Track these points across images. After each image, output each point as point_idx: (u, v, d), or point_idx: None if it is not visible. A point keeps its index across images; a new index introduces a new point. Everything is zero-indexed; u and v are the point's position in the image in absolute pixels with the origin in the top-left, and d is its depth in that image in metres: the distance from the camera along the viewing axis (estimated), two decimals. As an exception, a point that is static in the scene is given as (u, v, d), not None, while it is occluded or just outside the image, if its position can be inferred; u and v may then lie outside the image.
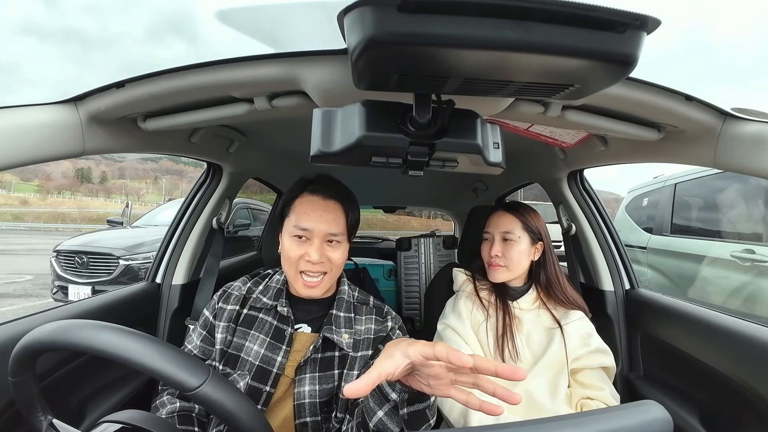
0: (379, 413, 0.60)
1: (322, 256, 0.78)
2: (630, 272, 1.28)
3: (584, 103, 0.70)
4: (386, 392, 0.59)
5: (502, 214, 1.07)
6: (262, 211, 5.48)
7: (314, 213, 0.79)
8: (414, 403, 0.57)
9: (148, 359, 0.46)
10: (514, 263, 1.03)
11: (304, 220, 0.79)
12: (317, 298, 0.85)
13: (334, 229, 0.80)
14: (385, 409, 0.60)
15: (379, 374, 0.47)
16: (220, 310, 0.83)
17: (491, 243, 1.06)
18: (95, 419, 0.64)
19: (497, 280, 1.05)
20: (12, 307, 5.18)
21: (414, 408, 0.57)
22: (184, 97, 0.68)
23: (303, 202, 0.81)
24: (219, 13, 0.51)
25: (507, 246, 1.03)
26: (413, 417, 0.58)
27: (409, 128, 0.46)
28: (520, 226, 1.04)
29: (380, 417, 0.60)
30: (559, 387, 0.93)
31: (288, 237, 0.81)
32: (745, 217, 2.65)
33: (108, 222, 5.53)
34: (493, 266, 1.04)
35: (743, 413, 0.83)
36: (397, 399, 0.58)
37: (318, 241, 0.79)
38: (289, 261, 0.80)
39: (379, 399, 0.60)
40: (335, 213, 0.81)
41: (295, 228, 0.79)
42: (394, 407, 0.59)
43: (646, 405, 0.41)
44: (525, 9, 0.33)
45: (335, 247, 0.81)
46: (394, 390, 0.58)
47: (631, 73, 0.39)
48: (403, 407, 0.57)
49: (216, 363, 0.79)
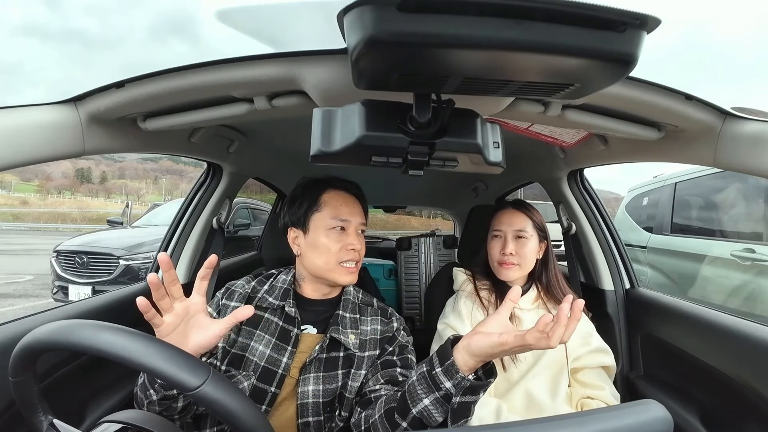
0: (426, 401, 0.60)
1: (360, 242, 0.85)
2: (630, 271, 1.28)
3: (584, 103, 0.70)
4: (439, 380, 0.58)
5: (514, 212, 1.07)
6: (262, 211, 5.48)
7: (348, 205, 0.85)
8: (467, 394, 0.58)
9: (148, 359, 0.46)
10: (527, 261, 1.03)
11: (343, 211, 0.84)
12: (325, 299, 0.87)
13: (364, 219, 0.88)
14: (431, 397, 0.59)
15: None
16: (224, 307, 0.83)
17: (503, 241, 1.04)
18: (96, 419, 0.64)
19: (509, 278, 1.04)
20: (12, 307, 5.18)
21: (466, 399, 0.58)
22: (184, 97, 0.68)
23: (333, 196, 0.85)
24: (219, 13, 0.51)
25: (520, 244, 1.03)
26: (461, 408, 0.58)
27: (409, 128, 0.46)
28: (531, 224, 1.05)
29: (426, 404, 0.60)
30: (559, 386, 0.93)
31: (324, 231, 0.83)
32: (746, 216, 2.65)
33: (108, 222, 5.53)
34: (505, 265, 1.03)
35: (743, 412, 0.83)
36: (451, 388, 0.58)
37: (354, 230, 0.85)
38: (329, 254, 0.82)
39: (429, 387, 0.60)
40: (360, 205, 0.89)
41: (333, 220, 0.83)
42: (444, 396, 0.58)
43: (647, 404, 0.41)
44: (525, 8, 0.33)
45: (361, 237, 0.88)
46: (451, 378, 0.58)
47: (631, 72, 0.39)
48: (458, 395, 0.58)
49: (217, 362, 0.79)
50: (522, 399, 0.93)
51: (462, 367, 0.57)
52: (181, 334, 0.61)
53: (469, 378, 0.58)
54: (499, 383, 0.97)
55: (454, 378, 0.58)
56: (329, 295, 0.88)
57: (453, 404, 0.58)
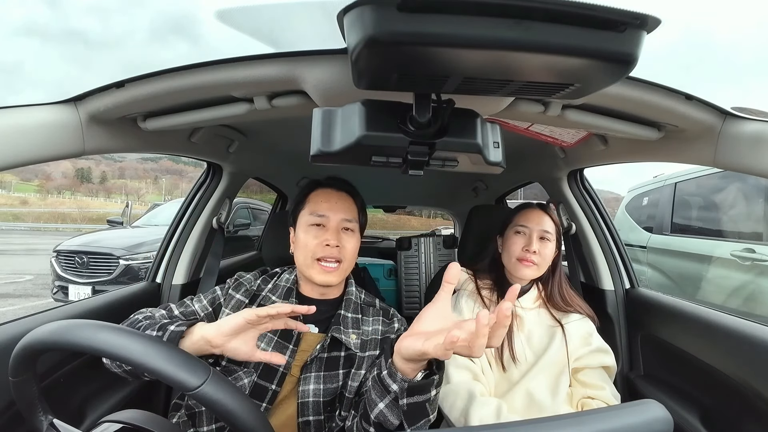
0: (380, 405, 0.60)
1: (338, 241, 0.82)
2: (630, 271, 1.28)
3: (584, 103, 0.70)
4: (387, 383, 0.58)
5: (541, 212, 1.07)
6: (262, 210, 5.47)
7: (330, 201, 0.85)
8: (414, 395, 0.56)
9: (149, 359, 0.46)
10: (545, 263, 1.03)
11: (321, 207, 0.84)
12: (326, 299, 0.87)
13: (349, 215, 0.85)
14: (386, 401, 0.59)
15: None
16: (230, 297, 0.85)
17: (528, 238, 1.03)
18: (96, 419, 0.64)
19: (524, 276, 1.03)
20: (12, 307, 5.18)
21: (414, 400, 0.57)
22: (184, 96, 0.68)
23: (318, 194, 0.87)
24: (219, 13, 0.51)
25: (543, 244, 1.03)
26: (412, 409, 0.57)
27: (409, 128, 0.46)
28: (554, 228, 1.06)
29: (381, 409, 0.60)
30: (559, 386, 0.93)
31: (304, 228, 0.84)
32: (746, 216, 2.65)
33: (108, 222, 5.53)
34: (525, 262, 1.02)
35: (743, 412, 0.84)
36: (397, 390, 0.57)
37: (334, 228, 0.83)
38: (306, 249, 0.82)
39: (381, 391, 0.60)
40: (348, 202, 0.87)
41: (312, 216, 0.83)
42: (394, 399, 0.58)
43: (647, 404, 0.41)
44: (525, 8, 0.33)
45: (349, 235, 0.85)
46: (395, 381, 0.57)
47: (631, 72, 0.39)
48: (403, 397, 0.56)
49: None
50: (522, 399, 0.93)
51: (403, 369, 0.55)
52: (246, 337, 0.64)
53: (408, 379, 0.55)
54: (500, 383, 0.97)
55: (397, 380, 0.56)
56: (327, 295, 0.88)
57: (402, 407, 0.57)
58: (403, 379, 0.55)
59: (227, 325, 0.61)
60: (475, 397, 0.88)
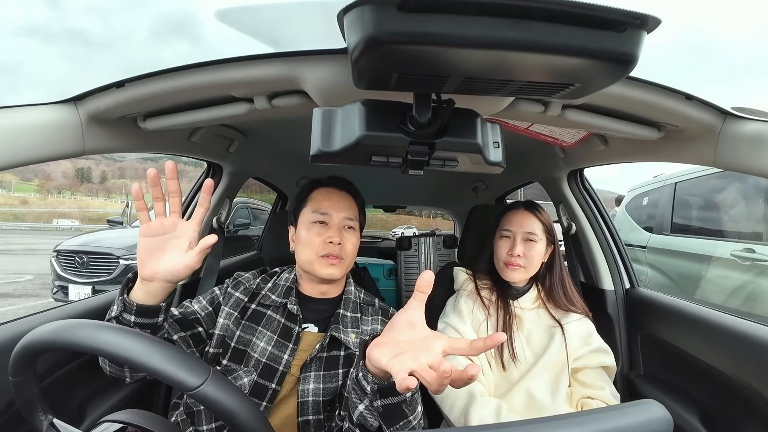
0: (360, 407, 0.59)
1: (341, 239, 0.83)
2: (630, 271, 1.28)
3: (584, 102, 0.70)
4: (363, 385, 0.57)
5: (525, 213, 1.06)
6: (262, 210, 5.47)
7: (332, 199, 0.86)
8: (387, 396, 0.55)
9: (149, 359, 0.46)
10: (534, 264, 1.03)
11: (324, 205, 0.85)
12: (326, 298, 0.87)
13: (350, 213, 0.87)
14: (365, 402, 0.59)
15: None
16: (229, 296, 0.85)
17: (512, 242, 1.04)
18: (96, 419, 0.64)
19: (513, 280, 1.04)
20: (12, 307, 5.19)
21: (387, 401, 0.55)
22: (184, 96, 0.68)
23: (319, 192, 0.88)
24: (219, 13, 0.51)
25: (528, 246, 1.03)
26: (387, 411, 0.56)
27: (409, 127, 0.46)
28: (541, 227, 1.05)
29: (361, 410, 0.59)
30: (559, 386, 0.93)
31: (306, 225, 0.85)
32: (746, 216, 2.65)
33: (108, 222, 5.53)
34: (511, 266, 1.03)
35: (743, 412, 0.84)
36: (372, 392, 0.56)
37: (337, 225, 0.84)
38: (309, 246, 0.82)
39: (359, 392, 0.59)
40: (350, 201, 0.89)
41: (314, 214, 0.84)
42: (372, 400, 0.57)
43: (647, 404, 0.41)
44: (525, 8, 0.33)
45: (350, 233, 0.87)
46: (368, 383, 0.56)
47: (631, 72, 0.39)
48: (377, 399, 0.55)
49: (211, 348, 0.80)
50: (522, 399, 0.93)
51: (374, 371, 0.54)
52: (158, 247, 0.64)
53: (377, 381, 0.54)
54: (499, 383, 0.97)
55: (369, 381, 0.55)
56: (327, 293, 0.88)
57: (377, 408, 0.56)
58: (374, 381, 0.54)
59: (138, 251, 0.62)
60: (474, 397, 0.88)
